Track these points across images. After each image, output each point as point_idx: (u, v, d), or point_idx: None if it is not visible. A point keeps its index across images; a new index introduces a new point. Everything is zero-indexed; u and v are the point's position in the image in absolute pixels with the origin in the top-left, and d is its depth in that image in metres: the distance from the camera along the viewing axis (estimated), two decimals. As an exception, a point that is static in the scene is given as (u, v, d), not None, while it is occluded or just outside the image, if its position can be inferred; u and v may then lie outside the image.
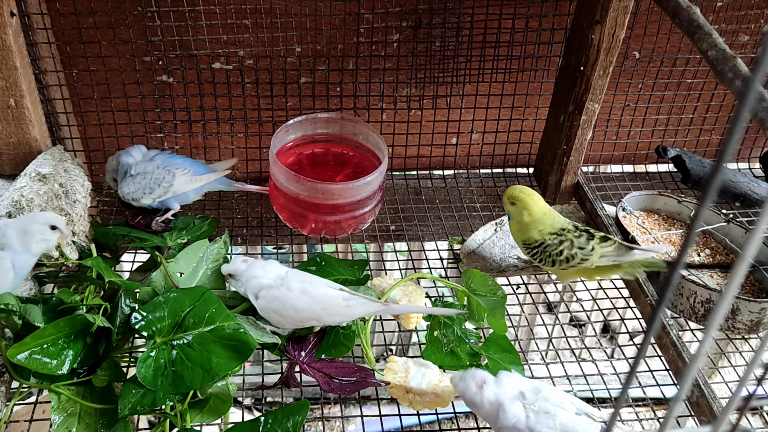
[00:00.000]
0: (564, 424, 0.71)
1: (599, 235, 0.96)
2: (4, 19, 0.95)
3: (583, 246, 0.94)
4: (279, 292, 0.83)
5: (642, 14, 1.20)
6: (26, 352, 0.75)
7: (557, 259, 0.96)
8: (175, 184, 1.07)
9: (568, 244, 0.95)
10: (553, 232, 0.96)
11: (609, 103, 1.30)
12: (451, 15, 1.17)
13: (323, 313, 0.83)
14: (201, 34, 1.12)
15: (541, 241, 0.97)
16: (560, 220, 0.98)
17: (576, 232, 0.96)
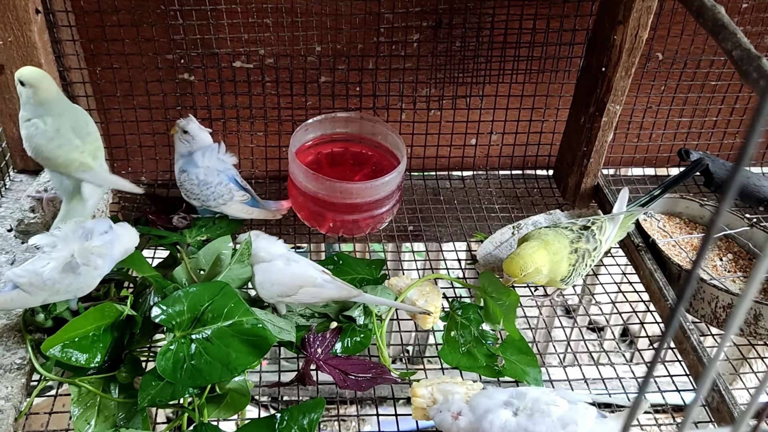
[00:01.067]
0: (561, 417, 0.70)
1: (595, 226, 0.97)
2: (29, 16, 0.96)
3: (595, 246, 0.96)
4: (268, 266, 0.88)
5: (666, 15, 1.18)
6: (59, 346, 0.76)
7: (583, 272, 0.96)
8: (228, 205, 1.07)
9: (587, 254, 0.95)
10: (570, 252, 0.94)
11: (631, 104, 1.29)
12: (471, 15, 1.17)
13: (298, 290, 0.88)
14: (222, 32, 1.13)
15: (570, 265, 0.94)
16: (559, 238, 0.94)
17: (582, 239, 0.95)
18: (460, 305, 0.97)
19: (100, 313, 0.80)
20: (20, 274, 0.78)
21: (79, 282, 0.79)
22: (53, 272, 0.77)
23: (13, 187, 1.12)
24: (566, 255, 0.93)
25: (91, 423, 0.76)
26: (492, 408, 0.72)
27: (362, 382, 0.84)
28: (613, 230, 0.99)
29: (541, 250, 0.91)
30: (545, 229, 0.96)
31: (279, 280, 0.88)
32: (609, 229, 0.99)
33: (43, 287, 0.78)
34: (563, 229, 0.96)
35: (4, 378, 0.78)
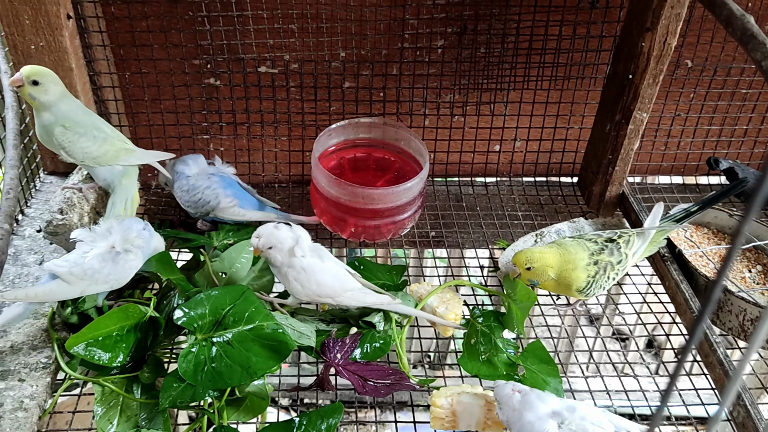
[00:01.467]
0: None
1: (621, 240, 0.95)
2: (60, 22, 0.98)
3: (620, 259, 0.94)
4: (308, 263, 0.88)
5: (695, 22, 1.17)
6: (83, 344, 0.77)
7: (605, 285, 0.95)
8: (217, 209, 1.07)
9: (610, 267, 0.93)
10: (588, 263, 0.93)
11: (659, 112, 1.27)
12: (497, 21, 1.16)
13: (342, 293, 0.88)
14: (248, 38, 1.15)
15: (589, 276, 0.93)
16: (578, 249, 0.93)
17: (605, 252, 0.94)
18: (480, 313, 0.96)
19: (123, 313, 0.81)
20: (60, 264, 0.81)
21: (116, 272, 0.83)
22: (94, 260, 0.81)
23: (43, 188, 1.14)
24: (583, 266, 0.92)
25: (114, 422, 0.78)
26: (540, 413, 0.71)
27: (381, 388, 0.83)
28: (642, 245, 0.97)
29: (552, 251, 0.92)
30: (568, 239, 0.95)
31: (324, 281, 0.88)
32: (637, 243, 0.97)
33: (83, 276, 0.81)
34: (587, 240, 0.95)
35: (30, 377, 0.79)
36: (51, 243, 0.99)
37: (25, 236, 1.03)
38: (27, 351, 0.83)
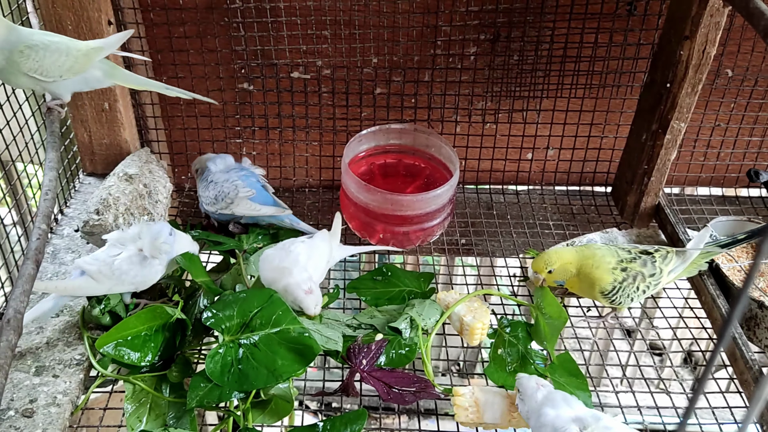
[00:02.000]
0: None
1: (658, 254, 0.94)
2: (101, 27, 1.01)
3: (653, 272, 0.92)
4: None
5: (736, 31, 1.14)
6: (112, 344, 0.79)
7: (634, 296, 0.93)
8: (235, 202, 1.07)
9: (640, 277, 0.92)
10: (614, 267, 0.92)
11: (697, 122, 1.24)
12: (531, 29, 1.15)
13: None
14: (282, 44, 1.16)
15: (615, 280, 0.91)
16: (605, 252, 0.93)
17: (638, 261, 0.92)
18: (508, 323, 0.95)
19: (151, 314, 0.82)
20: (90, 262, 0.84)
21: (143, 274, 0.86)
22: (122, 263, 0.84)
23: (82, 189, 1.17)
24: (608, 268, 0.91)
25: (143, 420, 0.79)
26: (562, 414, 0.70)
27: (405, 396, 0.83)
28: (681, 264, 0.95)
29: (571, 251, 0.92)
30: (597, 244, 0.94)
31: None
32: (676, 261, 0.94)
33: (111, 276, 0.84)
34: (619, 248, 0.94)
35: (64, 373, 0.81)
36: (87, 242, 1.01)
37: (64, 235, 1.05)
38: (62, 347, 0.85)
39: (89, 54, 0.89)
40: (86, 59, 0.89)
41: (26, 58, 0.84)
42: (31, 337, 0.86)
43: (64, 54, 0.86)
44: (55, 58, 0.86)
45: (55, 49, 0.86)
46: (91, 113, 1.11)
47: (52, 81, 0.87)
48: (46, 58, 0.85)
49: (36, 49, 0.84)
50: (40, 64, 0.85)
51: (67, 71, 0.88)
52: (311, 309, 0.88)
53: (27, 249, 0.70)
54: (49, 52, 0.85)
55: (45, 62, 0.85)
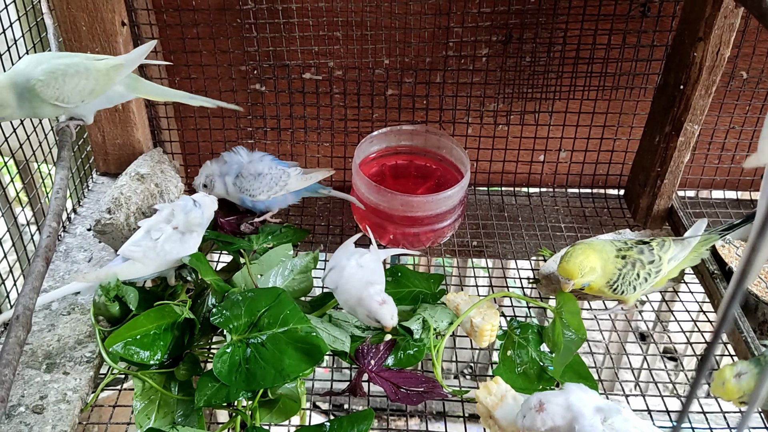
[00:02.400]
0: None
1: (655, 242, 0.93)
2: (115, 28, 1.02)
3: (652, 260, 0.92)
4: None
5: (751, 33, 1.12)
6: (121, 343, 0.80)
7: (636, 284, 0.92)
8: (290, 182, 1.11)
9: (639, 264, 0.92)
10: (615, 255, 0.92)
11: (712, 124, 1.23)
12: (543, 30, 1.15)
13: None
14: (294, 45, 1.16)
15: (616, 268, 0.91)
16: (604, 245, 0.93)
17: (634, 249, 0.92)
18: (518, 324, 0.95)
19: (160, 313, 0.83)
20: (134, 249, 0.89)
21: (184, 249, 0.91)
22: (165, 243, 0.89)
23: (95, 188, 1.19)
24: (611, 257, 0.91)
25: (151, 418, 0.79)
26: (587, 406, 0.69)
27: (413, 396, 0.83)
28: (680, 252, 0.94)
29: (589, 250, 0.91)
30: (593, 239, 0.94)
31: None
32: (675, 249, 0.94)
33: (156, 258, 0.89)
34: (615, 241, 0.95)
35: (74, 370, 0.82)
36: (100, 241, 1.02)
37: (77, 234, 1.06)
38: (73, 345, 0.86)
39: (109, 73, 0.88)
40: (107, 79, 0.88)
41: (46, 86, 0.82)
42: (42, 334, 0.87)
43: (84, 77, 0.85)
44: (75, 83, 0.84)
45: (74, 73, 0.84)
46: (105, 113, 1.12)
47: (74, 106, 0.86)
48: (66, 84, 0.83)
49: (55, 76, 0.82)
50: (60, 91, 0.83)
51: (89, 95, 0.86)
52: (387, 320, 0.84)
53: (37, 246, 0.71)
54: (68, 77, 0.83)
55: (65, 88, 0.83)
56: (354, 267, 0.89)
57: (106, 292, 0.85)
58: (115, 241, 0.98)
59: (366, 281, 0.87)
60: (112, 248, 1.00)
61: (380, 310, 0.84)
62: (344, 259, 0.91)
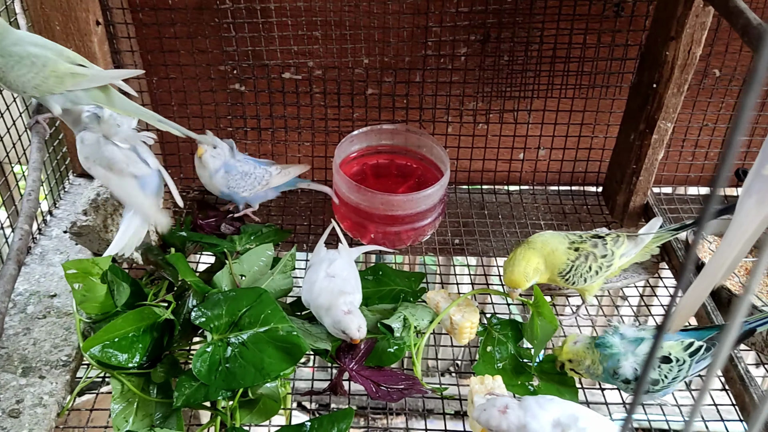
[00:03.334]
0: None
1: (609, 237, 0.95)
2: (89, 27, 1.01)
3: (604, 254, 0.93)
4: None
5: (724, 31, 1.14)
6: (99, 346, 0.79)
7: (587, 276, 0.93)
8: (271, 180, 1.12)
9: (592, 257, 0.93)
10: (568, 247, 0.93)
11: (686, 122, 1.25)
12: (520, 29, 1.16)
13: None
14: (273, 44, 1.16)
15: (569, 259, 0.93)
16: (555, 238, 0.94)
17: (588, 243, 0.94)
18: (498, 321, 0.95)
19: (139, 315, 0.82)
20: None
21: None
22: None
23: (71, 190, 1.17)
24: (563, 249, 0.93)
25: (129, 421, 0.79)
26: (544, 423, 0.69)
27: (393, 393, 0.83)
28: (633, 249, 0.95)
29: (528, 252, 0.92)
30: (543, 233, 0.96)
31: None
32: (628, 245, 0.95)
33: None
34: (569, 234, 0.96)
35: (50, 374, 0.81)
36: (76, 243, 1.01)
37: (52, 237, 1.05)
38: (49, 349, 0.85)
39: (64, 79, 0.84)
40: (59, 82, 0.84)
41: None
42: (18, 338, 0.86)
43: (34, 71, 0.82)
44: (22, 73, 0.81)
45: (28, 64, 0.81)
46: (82, 114, 1.11)
47: (25, 93, 0.84)
48: (13, 71, 0.81)
49: (7, 59, 0.80)
50: (4, 75, 0.81)
51: (33, 88, 0.83)
52: (353, 331, 0.83)
53: (9, 249, 0.70)
54: (18, 66, 0.81)
55: (10, 74, 0.81)
56: (324, 280, 0.88)
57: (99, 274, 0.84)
58: (91, 243, 0.97)
59: (338, 291, 0.86)
60: (90, 250, 0.99)
61: (344, 319, 0.83)
62: (313, 274, 0.90)
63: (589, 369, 0.82)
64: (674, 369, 0.79)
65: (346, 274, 0.91)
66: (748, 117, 0.24)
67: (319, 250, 0.97)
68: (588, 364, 0.82)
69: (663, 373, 0.78)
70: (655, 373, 0.78)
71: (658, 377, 0.79)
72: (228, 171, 1.10)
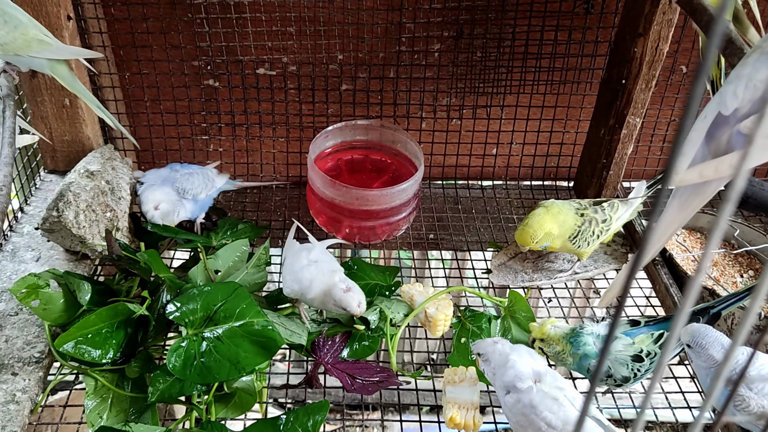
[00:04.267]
0: (567, 416, 0.70)
1: (606, 204, 1.02)
2: (60, 22, 1.00)
3: (604, 218, 1.00)
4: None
5: (691, 28, 1.17)
6: (72, 342, 0.79)
7: (591, 240, 1.00)
8: (216, 179, 1.15)
9: (595, 222, 0.99)
10: (575, 213, 1.00)
11: (654, 117, 1.28)
12: (493, 26, 1.17)
13: None
14: (247, 40, 1.16)
15: (576, 224, 0.99)
16: (565, 205, 1.01)
17: (590, 209, 1.01)
18: (472, 314, 0.97)
19: (112, 311, 0.82)
20: None
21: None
22: None
23: (43, 186, 1.16)
24: (572, 215, 1.00)
25: (104, 417, 0.79)
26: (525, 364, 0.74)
27: (368, 386, 0.84)
28: (626, 211, 1.04)
29: (545, 215, 0.99)
30: (554, 201, 1.02)
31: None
32: (622, 209, 1.03)
33: None
34: (572, 202, 1.03)
35: (23, 371, 0.81)
36: (48, 240, 1.00)
37: (24, 233, 1.04)
38: (21, 346, 0.84)
39: (30, 43, 0.87)
40: (25, 44, 0.87)
41: None
42: (-10, 334, 0.85)
43: (5, 30, 0.85)
44: None
45: (0, 21, 0.84)
46: (52, 110, 1.10)
47: None
48: None
49: None
50: None
51: (6, 48, 0.86)
52: (354, 307, 0.84)
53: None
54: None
55: None
56: (310, 266, 0.89)
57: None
58: (63, 240, 0.96)
59: (329, 270, 0.88)
60: (62, 247, 0.99)
61: (345, 298, 0.84)
62: (296, 264, 0.90)
63: (558, 355, 0.85)
64: (646, 364, 0.81)
65: (328, 257, 0.92)
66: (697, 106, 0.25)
67: (292, 244, 0.97)
68: (558, 350, 0.85)
69: (635, 368, 0.81)
70: (627, 371, 0.81)
71: (629, 374, 0.81)
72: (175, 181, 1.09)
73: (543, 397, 0.71)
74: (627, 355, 0.81)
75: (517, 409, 0.72)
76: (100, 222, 0.99)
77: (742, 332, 0.30)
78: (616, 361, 0.81)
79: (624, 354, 0.81)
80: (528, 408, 0.71)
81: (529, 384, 0.72)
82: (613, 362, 0.81)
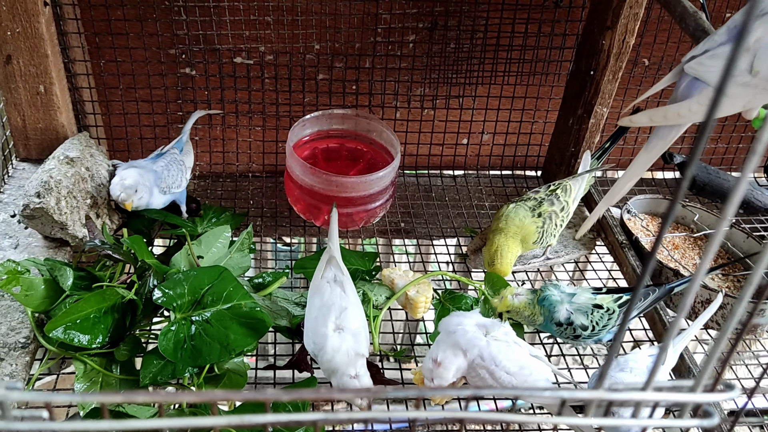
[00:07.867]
0: (521, 360, 0.77)
1: (559, 189, 1.04)
2: (37, 8, 0.99)
3: (562, 206, 1.03)
4: None
5: (652, 23, 1.23)
6: (61, 327, 0.79)
7: (555, 232, 1.04)
8: (186, 159, 1.13)
9: (554, 215, 1.02)
10: (532, 217, 1.01)
11: (617, 108, 1.33)
12: (466, 18, 1.21)
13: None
14: (224, 29, 1.17)
15: (537, 228, 1.01)
16: (518, 214, 1.02)
17: (545, 203, 1.02)
18: (451, 295, 1.00)
19: (101, 296, 0.82)
20: None
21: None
22: None
23: (15, 174, 1.14)
24: (529, 220, 1.01)
25: (93, 400, 0.79)
26: (465, 323, 0.80)
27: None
28: (579, 189, 1.07)
29: (506, 242, 1.00)
30: (506, 211, 1.02)
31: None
32: (575, 189, 1.06)
33: None
34: (525, 201, 1.04)
35: (9, 356, 0.80)
36: (26, 227, 1.00)
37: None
38: (6, 331, 0.84)
39: None
40: None
41: None
42: (-28, 321, 0.84)
43: None
44: None
45: None
46: (26, 96, 1.09)
47: None
48: None
49: None
50: None
51: None
52: (357, 403, 0.79)
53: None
54: None
55: None
56: (335, 336, 0.79)
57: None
58: (44, 227, 0.96)
59: (354, 355, 0.78)
60: (41, 234, 0.98)
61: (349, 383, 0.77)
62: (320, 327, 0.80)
63: (528, 318, 0.90)
64: (605, 317, 0.87)
65: (357, 323, 0.81)
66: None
67: (321, 286, 0.85)
68: (527, 315, 0.90)
69: (595, 319, 0.86)
70: (586, 319, 0.86)
71: (588, 323, 0.86)
72: (157, 176, 1.05)
73: (499, 347, 0.77)
74: (589, 304, 0.87)
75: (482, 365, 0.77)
76: (81, 208, 0.99)
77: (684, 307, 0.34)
78: (578, 310, 0.87)
79: (587, 304, 0.88)
80: (489, 360, 0.77)
81: (484, 340, 0.78)
82: (576, 311, 0.87)
